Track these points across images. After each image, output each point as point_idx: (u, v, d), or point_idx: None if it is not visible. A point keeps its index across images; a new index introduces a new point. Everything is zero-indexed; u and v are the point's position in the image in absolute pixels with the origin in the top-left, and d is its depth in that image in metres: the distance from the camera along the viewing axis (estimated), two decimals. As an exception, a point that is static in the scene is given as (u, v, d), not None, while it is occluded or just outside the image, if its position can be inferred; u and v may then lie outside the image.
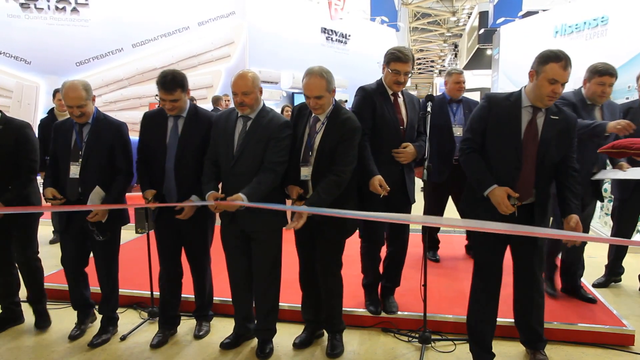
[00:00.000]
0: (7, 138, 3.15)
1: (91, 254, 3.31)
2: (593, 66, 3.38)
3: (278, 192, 2.99)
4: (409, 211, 3.38)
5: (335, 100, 2.96)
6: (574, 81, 9.16)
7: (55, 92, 5.31)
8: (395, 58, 3.07)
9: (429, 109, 3.16)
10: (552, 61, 2.45)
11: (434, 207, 4.38)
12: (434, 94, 3.84)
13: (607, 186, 4.95)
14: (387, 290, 3.56)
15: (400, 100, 3.22)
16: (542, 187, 2.62)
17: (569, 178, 2.61)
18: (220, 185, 3.00)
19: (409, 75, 3.14)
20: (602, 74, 3.32)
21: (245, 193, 2.76)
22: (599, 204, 3.86)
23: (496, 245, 2.71)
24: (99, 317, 3.38)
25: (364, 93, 3.19)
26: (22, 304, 3.57)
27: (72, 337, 3.30)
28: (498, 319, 2.83)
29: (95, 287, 3.37)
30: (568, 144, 2.63)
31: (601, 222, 6.13)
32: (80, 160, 3.08)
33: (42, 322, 3.47)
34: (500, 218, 2.57)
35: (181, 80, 3.00)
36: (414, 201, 3.37)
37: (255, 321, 3.18)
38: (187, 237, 3.22)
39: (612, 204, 4.12)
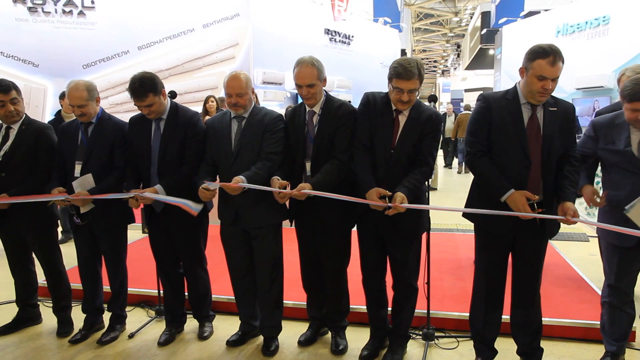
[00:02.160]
0: (29, 137, 3.22)
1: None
2: (622, 86, 2.58)
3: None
4: (407, 251, 2.85)
5: (325, 91, 2.99)
6: (577, 80, 9.09)
7: (62, 94, 5.37)
8: (396, 74, 2.60)
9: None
10: (539, 57, 2.37)
11: None
12: (437, 94, 3.78)
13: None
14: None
15: (403, 118, 2.74)
16: (549, 183, 2.56)
17: (568, 166, 2.55)
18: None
19: (416, 92, 2.68)
20: (631, 99, 2.48)
21: (244, 176, 2.78)
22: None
23: (500, 246, 2.68)
24: (105, 324, 3.45)
25: (365, 103, 2.82)
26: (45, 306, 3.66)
27: (73, 342, 3.30)
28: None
29: (105, 286, 3.43)
30: (569, 134, 2.57)
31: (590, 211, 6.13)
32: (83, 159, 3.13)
33: (64, 328, 3.45)
34: (516, 221, 2.52)
35: (150, 84, 2.93)
36: (418, 236, 2.90)
37: (260, 319, 3.22)
38: (177, 241, 3.22)
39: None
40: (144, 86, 2.91)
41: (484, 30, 19.06)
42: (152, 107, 2.98)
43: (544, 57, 2.35)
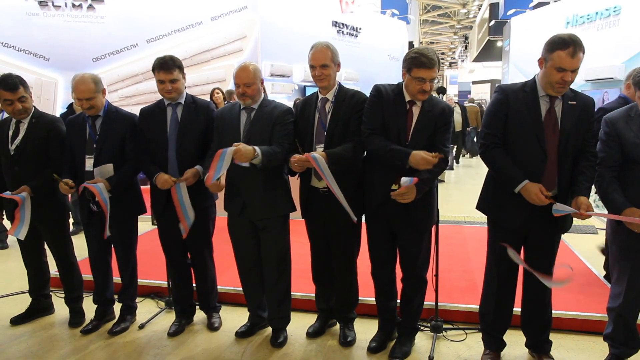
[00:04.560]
0: (40, 131, 3.25)
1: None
2: (635, 73, 2.56)
3: (284, 179, 3.06)
4: (419, 244, 2.84)
5: (338, 81, 3.00)
6: (586, 71, 9.01)
7: (73, 87, 5.40)
8: (419, 64, 2.55)
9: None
10: (558, 48, 2.32)
11: None
12: (445, 86, 3.75)
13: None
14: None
15: (416, 110, 2.72)
16: (565, 177, 2.52)
17: (585, 161, 2.51)
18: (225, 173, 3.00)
19: (435, 81, 2.70)
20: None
21: (260, 148, 2.77)
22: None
23: (513, 240, 2.65)
24: (116, 315, 3.49)
25: (377, 94, 2.77)
26: (57, 296, 3.70)
27: (84, 332, 3.34)
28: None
29: (116, 277, 3.47)
30: (587, 129, 2.52)
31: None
32: (94, 153, 3.15)
33: (75, 319, 3.49)
34: (529, 215, 2.51)
35: (179, 62, 3.07)
36: (429, 229, 2.89)
37: (268, 310, 3.24)
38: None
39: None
40: (174, 60, 3.03)
41: (492, 22, 18.92)
42: (176, 84, 3.03)
43: (564, 48, 2.31)
